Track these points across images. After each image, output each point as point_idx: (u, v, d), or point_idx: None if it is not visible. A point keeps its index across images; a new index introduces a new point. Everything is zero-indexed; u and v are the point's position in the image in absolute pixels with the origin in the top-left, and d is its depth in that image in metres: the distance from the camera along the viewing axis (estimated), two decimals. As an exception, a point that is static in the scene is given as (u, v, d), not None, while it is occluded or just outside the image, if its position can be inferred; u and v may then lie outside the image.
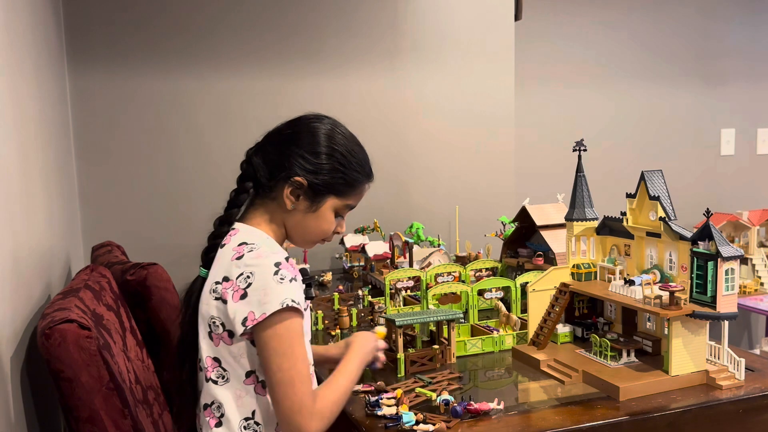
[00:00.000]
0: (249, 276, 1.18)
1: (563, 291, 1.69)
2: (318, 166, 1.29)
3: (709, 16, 3.72)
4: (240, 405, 1.23)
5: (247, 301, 1.17)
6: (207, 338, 1.24)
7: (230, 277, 1.20)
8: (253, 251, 1.21)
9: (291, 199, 1.29)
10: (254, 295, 1.17)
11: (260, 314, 1.16)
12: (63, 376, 1.15)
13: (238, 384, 1.23)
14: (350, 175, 1.32)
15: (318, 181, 1.29)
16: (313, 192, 1.29)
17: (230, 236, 1.28)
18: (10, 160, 1.38)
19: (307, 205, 1.30)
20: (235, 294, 1.18)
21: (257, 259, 1.20)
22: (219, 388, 1.23)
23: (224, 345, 1.22)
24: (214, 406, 1.24)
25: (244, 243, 1.24)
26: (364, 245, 2.62)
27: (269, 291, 1.16)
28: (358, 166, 1.34)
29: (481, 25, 3.04)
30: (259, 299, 1.16)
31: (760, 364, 1.58)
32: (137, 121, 2.64)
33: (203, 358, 1.25)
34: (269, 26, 2.75)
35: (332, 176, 1.30)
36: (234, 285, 1.19)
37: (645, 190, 1.59)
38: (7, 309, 1.25)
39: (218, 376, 1.23)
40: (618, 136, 3.61)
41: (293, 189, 1.29)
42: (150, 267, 1.75)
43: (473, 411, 1.36)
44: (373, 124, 2.91)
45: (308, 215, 1.31)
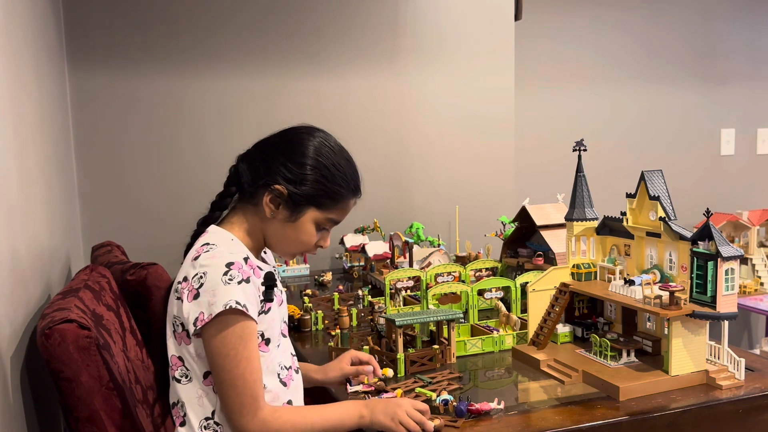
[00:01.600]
0: (202, 276, 1.18)
1: (563, 291, 1.69)
2: (300, 177, 1.28)
3: (709, 16, 3.72)
4: (200, 404, 1.23)
5: (198, 301, 1.17)
6: (172, 337, 1.24)
7: (188, 276, 1.20)
8: (209, 251, 1.21)
9: (270, 207, 1.29)
10: (204, 295, 1.17)
11: (208, 315, 1.16)
12: (63, 375, 1.15)
13: (198, 383, 1.23)
14: (332, 189, 1.30)
15: (298, 191, 1.28)
16: (293, 202, 1.28)
17: (200, 237, 1.29)
18: (10, 160, 1.38)
19: (286, 215, 1.29)
20: (189, 294, 1.19)
21: (210, 259, 1.19)
22: (182, 387, 1.24)
23: (184, 344, 1.23)
24: (179, 405, 1.25)
25: (207, 244, 1.24)
26: (364, 245, 2.62)
27: (217, 292, 1.16)
28: (342, 181, 1.32)
29: (481, 25, 3.05)
30: (208, 300, 1.16)
31: (760, 364, 1.58)
32: (137, 122, 2.64)
33: (169, 356, 1.25)
34: (269, 27, 2.75)
35: (313, 188, 1.29)
36: (189, 285, 1.19)
37: (645, 190, 1.59)
38: (7, 309, 1.25)
39: (182, 375, 1.24)
40: (618, 136, 3.61)
41: (273, 197, 1.28)
42: (150, 267, 1.75)
43: (473, 411, 1.36)
44: (374, 124, 2.92)
45: (287, 225, 1.30)
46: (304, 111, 2.75)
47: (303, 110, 2.76)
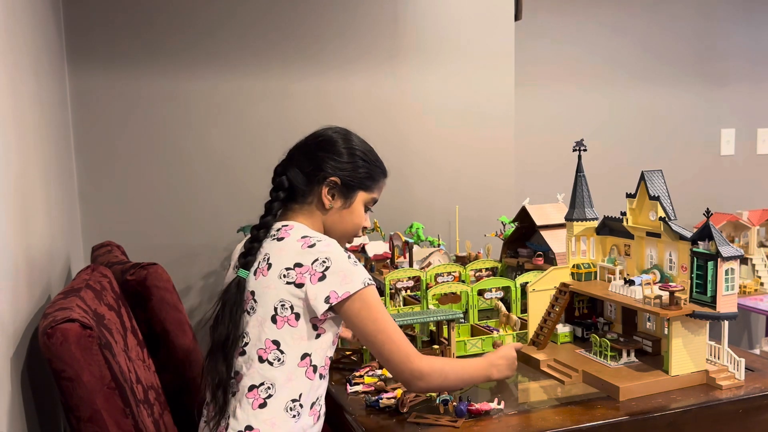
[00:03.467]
0: (325, 261, 1.32)
1: (563, 291, 1.69)
2: (346, 165, 1.46)
3: (709, 16, 3.73)
4: (290, 387, 1.32)
5: (326, 282, 1.31)
6: (269, 321, 1.33)
7: (303, 263, 1.33)
8: (323, 240, 1.37)
9: (328, 198, 1.44)
10: (334, 276, 1.31)
11: (343, 292, 1.30)
12: (64, 375, 1.15)
13: (292, 366, 1.32)
14: (372, 170, 1.50)
15: (349, 177, 1.45)
16: (345, 188, 1.46)
17: (287, 231, 1.40)
18: (10, 160, 1.38)
19: (342, 202, 1.46)
20: (313, 277, 1.31)
21: (328, 247, 1.35)
22: (273, 369, 1.32)
23: (288, 327, 1.32)
24: (263, 388, 1.31)
25: (306, 236, 1.37)
26: (364, 245, 2.62)
27: (348, 273, 1.33)
28: (377, 162, 1.53)
29: (481, 25, 3.05)
30: (339, 280, 1.31)
31: (760, 364, 1.59)
32: (137, 122, 2.64)
33: (260, 340, 1.33)
34: (270, 27, 2.75)
35: (359, 173, 1.47)
36: (310, 270, 1.32)
37: (645, 190, 1.60)
38: (8, 308, 1.25)
39: (274, 358, 1.32)
40: (618, 136, 3.61)
41: (329, 188, 1.44)
42: (150, 267, 1.75)
43: (473, 411, 1.36)
44: (374, 124, 2.92)
45: (344, 212, 1.47)
46: (305, 111, 2.75)
47: (303, 110, 2.76)
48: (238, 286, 1.36)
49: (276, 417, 1.30)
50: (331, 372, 1.68)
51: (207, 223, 2.64)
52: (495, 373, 1.44)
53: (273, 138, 2.67)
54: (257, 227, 1.43)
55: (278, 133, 2.68)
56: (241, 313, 1.35)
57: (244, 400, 1.32)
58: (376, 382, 1.52)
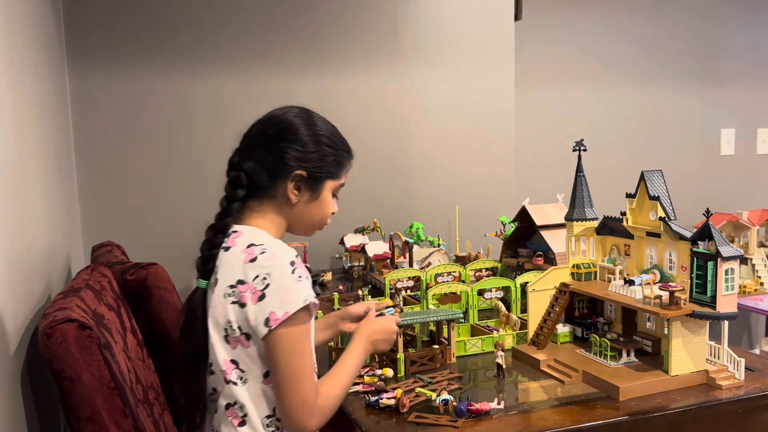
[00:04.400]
0: (266, 277, 1.20)
1: (563, 291, 1.69)
2: (312, 155, 1.32)
3: (709, 17, 3.73)
4: (260, 404, 1.25)
5: (266, 302, 1.19)
6: (223, 342, 1.24)
7: (246, 279, 1.21)
8: (266, 252, 1.23)
9: (295, 193, 1.32)
10: (274, 295, 1.19)
11: (283, 313, 1.18)
12: (64, 375, 1.15)
13: (256, 384, 1.25)
14: (339, 155, 1.37)
15: (315, 168, 1.32)
16: (313, 180, 1.33)
17: (233, 239, 1.28)
18: (10, 160, 1.38)
19: (309, 195, 1.33)
20: (253, 296, 1.20)
21: (272, 259, 1.22)
22: (239, 388, 1.25)
23: (242, 348, 1.23)
24: (237, 406, 1.25)
25: (252, 244, 1.25)
26: (364, 245, 2.62)
27: (290, 290, 1.19)
28: (343, 145, 1.38)
29: (481, 25, 3.05)
30: (280, 299, 1.18)
31: (760, 364, 1.58)
32: (137, 122, 2.64)
33: (219, 361, 1.25)
34: (271, 28, 2.75)
35: (325, 161, 1.34)
36: (251, 287, 1.20)
37: (645, 190, 1.59)
38: (8, 308, 1.25)
39: (237, 378, 1.25)
40: (618, 136, 3.61)
41: (295, 183, 1.31)
42: (150, 267, 1.75)
43: (474, 411, 1.36)
44: (374, 124, 2.92)
45: (311, 204, 1.35)
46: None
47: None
48: (201, 297, 1.27)
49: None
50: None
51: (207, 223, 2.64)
52: (372, 349, 1.43)
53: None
54: (215, 230, 1.30)
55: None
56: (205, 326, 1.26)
57: (224, 418, 1.26)
58: (376, 382, 1.52)
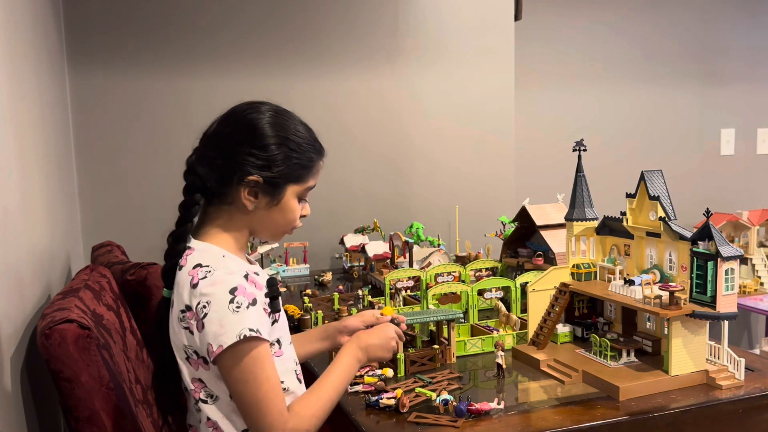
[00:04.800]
0: (205, 306, 1.12)
1: (563, 291, 1.69)
2: (270, 159, 1.21)
3: (709, 16, 3.72)
4: (232, 421, 1.20)
5: (204, 332, 1.12)
6: (186, 363, 1.19)
7: (191, 306, 1.15)
8: (207, 277, 1.14)
9: (250, 200, 1.22)
10: (210, 326, 1.12)
11: (217, 347, 1.11)
12: (63, 376, 1.15)
13: (226, 402, 1.19)
14: (303, 159, 1.25)
15: (274, 173, 1.21)
16: (271, 186, 1.22)
17: (186, 257, 1.21)
18: (10, 160, 1.38)
19: (267, 201, 1.23)
20: (197, 324, 1.14)
21: (211, 287, 1.13)
22: (210, 407, 1.20)
23: (203, 369, 1.18)
24: (211, 422, 1.21)
25: (199, 265, 1.17)
26: (364, 245, 2.62)
27: (224, 322, 1.11)
28: (309, 147, 1.26)
29: (481, 25, 3.05)
30: (215, 331, 1.11)
31: (760, 364, 1.58)
32: (137, 122, 2.64)
33: (187, 380, 1.20)
34: (271, 28, 2.75)
35: (286, 165, 1.22)
36: (195, 314, 1.14)
37: (645, 190, 1.59)
38: (7, 309, 1.25)
39: (207, 396, 1.20)
40: (618, 136, 3.61)
41: (250, 189, 1.21)
42: (150, 267, 1.75)
43: (474, 411, 1.36)
44: (375, 124, 2.92)
45: (272, 210, 1.24)
46: (306, 111, 2.71)
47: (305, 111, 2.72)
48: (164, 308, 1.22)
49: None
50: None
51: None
52: (365, 358, 1.34)
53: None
54: (176, 238, 1.23)
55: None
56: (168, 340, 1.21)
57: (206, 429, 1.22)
58: (376, 382, 1.52)
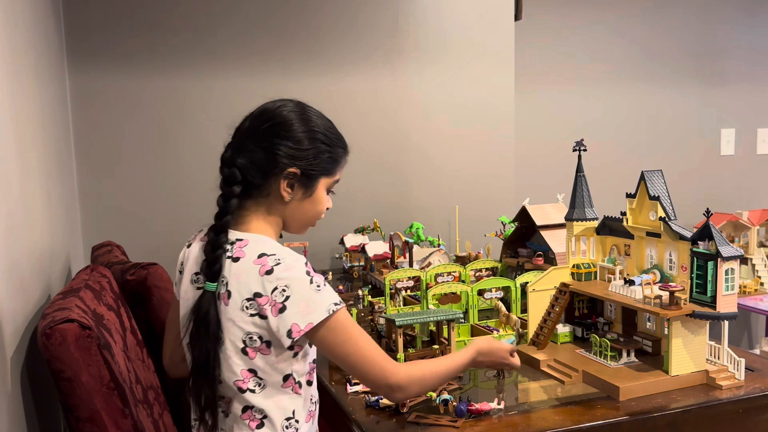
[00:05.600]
0: (285, 289, 1.20)
1: (563, 291, 1.69)
2: (306, 153, 1.29)
3: (709, 16, 3.73)
4: (280, 407, 1.26)
5: (288, 313, 1.19)
6: (239, 354, 1.23)
7: (263, 292, 1.20)
8: (281, 263, 1.22)
9: (288, 191, 1.29)
10: (295, 307, 1.19)
11: (306, 324, 1.19)
12: (63, 375, 1.15)
13: (275, 389, 1.26)
14: (335, 152, 1.34)
15: (309, 166, 1.30)
16: (306, 178, 1.30)
17: (241, 249, 1.26)
18: (10, 160, 1.38)
19: (302, 193, 1.31)
20: (273, 308, 1.20)
21: (287, 271, 1.21)
22: (256, 395, 1.25)
23: (261, 356, 1.23)
24: (255, 410, 1.25)
25: (264, 254, 1.23)
26: (364, 245, 2.62)
27: (311, 302, 1.20)
28: (338, 142, 1.35)
29: (481, 25, 3.05)
30: (301, 310, 1.19)
31: (760, 364, 1.58)
32: (137, 122, 2.64)
33: (236, 372, 1.24)
34: (270, 28, 2.75)
35: (320, 158, 1.31)
36: (270, 300, 1.20)
37: (645, 190, 1.59)
38: (8, 309, 1.25)
39: (255, 385, 1.25)
40: (618, 136, 3.61)
41: (288, 181, 1.29)
42: (150, 267, 1.75)
43: (473, 411, 1.36)
44: (374, 124, 2.92)
45: (305, 201, 1.33)
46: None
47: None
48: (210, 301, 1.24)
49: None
50: (331, 372, 1.68)
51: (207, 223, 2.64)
52: (475, 366, 1.43)
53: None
54: (216, 231, 1.27)
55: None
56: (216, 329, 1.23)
57: (240, 421, 1.26)
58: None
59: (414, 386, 1.28)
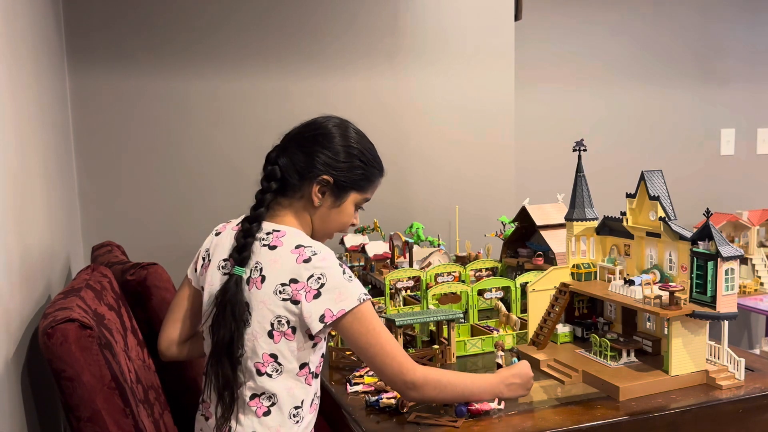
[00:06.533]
0: (320, 277, 1.28)
1: (563, 291, 1.69)
2: (341, 165, 1.39)
3: (709, 16, 3.73)
4: (291, 395, 1.32)
5: (321, 300, 1.27)
6: (265, 336, 1.30)
7: (299, 279, 1.29)
8: (318, 254, 1.30)
9: (318, 197, 1.38)
10: (328, 294, 1.28)
11: (338, 310, 1.27)
12: (64, 375, 1.15)
13: (291, 376, 1.32)
14: (369, 171, 1.45)
15: (342, 178, 1.39)
16: (338, 188, 1.40)
17: (278, 238, 1.34)
18: (10, 160, 1.38)
19: (331, 201, 1.41)
20: (308, 294, 1.28)
21: (324, 261, 1.30)
22: (272, 381, 1.31)
23: (285, 341, 1.30)
24: (264, 397, 1.31)
25: (301, 245, 1.31)
26: (364, 245, 2.62)
27: (344, 290, 1.28)
28: (375, 162, 1.47)
29: (481, 26, 3.05)
30: (334, 297, 1.28)
31: (760, 364, 1.59)
32: (137, 121, 2.64)
33: (258, 354, 1.30)
34: (271, 27, 2.75)
35: (354, 173, 1.41)
36: (305, 286, 1.28)
37: (645, 190, 1.60)
38: (8, 309, 1.25)
39: (273, 370, 1.31)
40: (618, 136, 3.61)
41: (321, 187, 1.38)
42: (150, 267, 1.75)
43: (473, 411, 1.36)
44: (374, 124, 2.91)
45: (332, 210, 1.42)
46: (306, 111, 2.72)
47: (304, 110, 2.73)
48: (237, 284, 1.31)
49: (281, 424, 1.31)
50: (331, 372, 1.68)
51: (207, 223, 2.62)
52: (506, 392, 1.39)
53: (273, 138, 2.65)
54: (250, 220, 1.36)
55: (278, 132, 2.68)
56: (243, 311, 1.30)
57: (246, 407, 1.31)
58: (376, 382, 1.52)
59: (429, 387, 1.31)
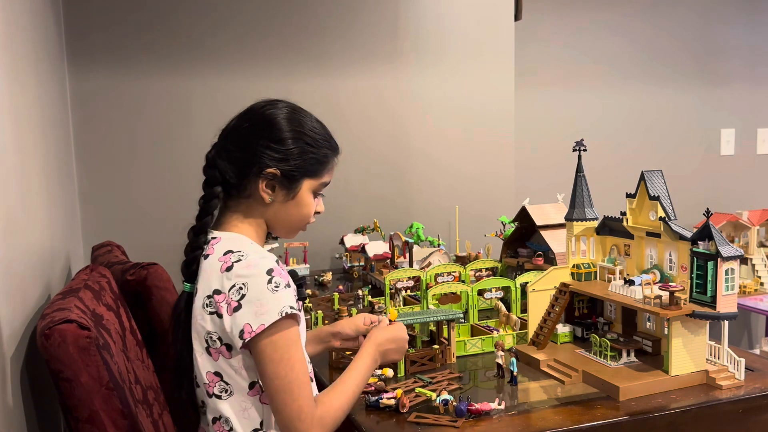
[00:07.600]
0: (242, 287, 1.15)
1: (563, 291, 1.69)
2: (286, 153, 1.25)
3: (709, 16, 3.72)
4: (246, 417, 1.22)
5: (241, 313, 1.15)
6: (205, 354, 1.21)
7: (222, 289, 1.17)
8: (242, 260, 1.18)
9: (267, 192, 1.26)
10: (249, 306, 1.14)
11: (258, 326, 1.14)
12: (63, 376, 1.15)
13: (242, 396, 1.21)
14: (319, 153, 1.29)
15: (290, 167, 1.26)
16: (287, 180, 1.26)
17: (212, 246, 1.24)
18: (10, 160, 1.38)
19: (284, 194, 1.27)
20: (229, 307, 1.16)
21: (248, 268, 1.17)
22: (223, 402, 1.22)
23: (223, 359, 1.20)
24: (222, 420, 1.23)
25: (230, 251, 1.20)
26: (364, 245, 2.62)
27: (265, 301, 1.14)
28: (324, 143, 1.30)
29: (481, 26, 3.05)
30: (255, 310, 1.14)
31: (760, 364, 1.58)
32: (137, 122, 2.64)
33: (202, 374, 1.22)
34: (271, 28, 2.75)
35: (303, 159, 1.27)
36: (227, 298, 1.16)
37: (645, 190, 1.59)
38: (7, 309, 1.25)
39: (221, 391, 1.21)
40: (618, 136, 3.61)
41: (267, 182, 1.26)
42: (150, 267, 1.75)
43: (473, 411, 1.36)
44: (375, 124, 2.92)
45: (288, 204, 1.28)
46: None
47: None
48: (186, 301, 1.23)
49: None
50: (331, 372, 1.67)
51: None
52: (381, 360, 1.36)
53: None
54: (196, 231, 1.26)
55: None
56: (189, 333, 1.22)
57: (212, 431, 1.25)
58: (376, 382, 1.52)
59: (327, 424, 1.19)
